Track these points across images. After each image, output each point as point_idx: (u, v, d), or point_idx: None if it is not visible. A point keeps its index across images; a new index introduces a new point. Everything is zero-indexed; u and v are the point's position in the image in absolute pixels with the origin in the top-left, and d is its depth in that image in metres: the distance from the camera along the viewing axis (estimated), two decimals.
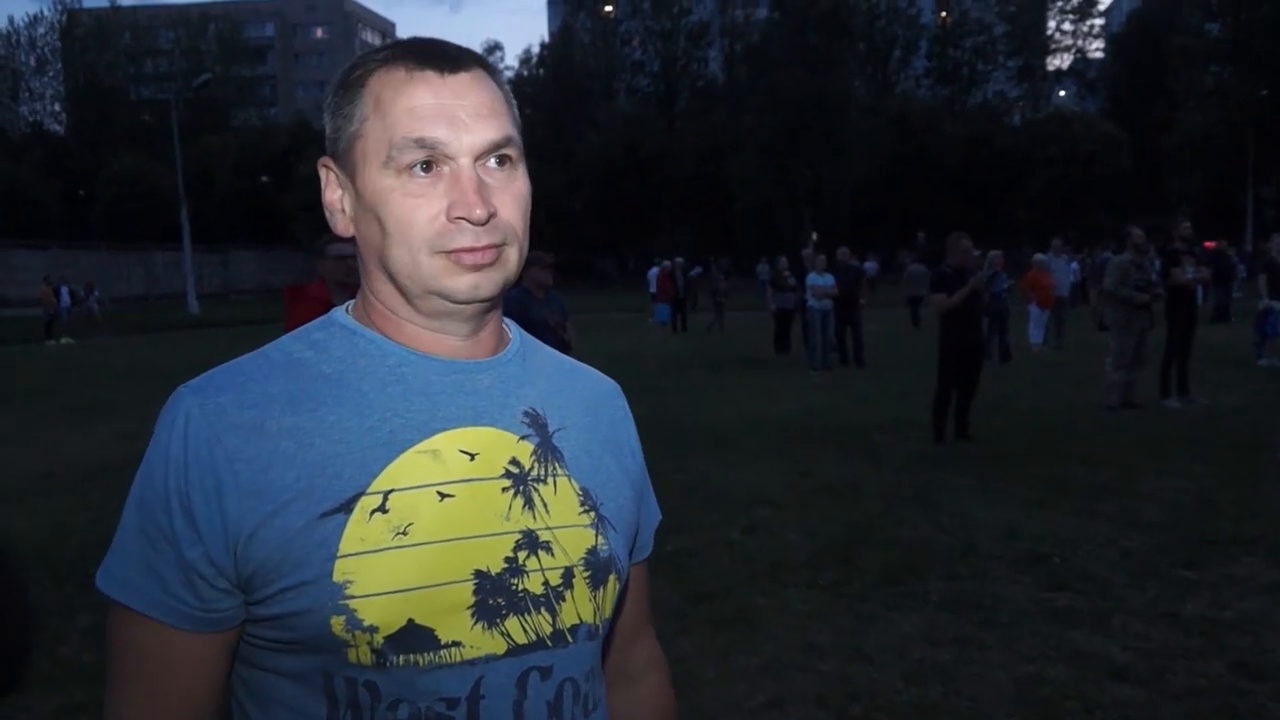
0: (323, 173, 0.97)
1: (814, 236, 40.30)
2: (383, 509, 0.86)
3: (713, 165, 52.12)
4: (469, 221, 0.88)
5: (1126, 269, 9.76)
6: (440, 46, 0.94)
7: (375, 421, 0.90)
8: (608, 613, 0.98)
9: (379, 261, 0.93)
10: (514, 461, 0.94)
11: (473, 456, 0.91)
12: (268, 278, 48.77)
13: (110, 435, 10.01)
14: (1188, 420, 9.18)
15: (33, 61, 66.55)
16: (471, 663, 0.87)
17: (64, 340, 25.36)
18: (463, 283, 0.90)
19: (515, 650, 0.89)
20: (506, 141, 0.92)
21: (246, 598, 0.87)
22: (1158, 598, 4.58)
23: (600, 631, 0.97)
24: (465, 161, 0.89)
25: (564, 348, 6.98)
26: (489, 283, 0.91)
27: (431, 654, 0.86)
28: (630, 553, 1.05)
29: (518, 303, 6.76)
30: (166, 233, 46.02)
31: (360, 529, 0.86)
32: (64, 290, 26.80)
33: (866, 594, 4.77)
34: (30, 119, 66.97)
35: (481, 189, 0.89)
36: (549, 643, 0.91)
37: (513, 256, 0.92)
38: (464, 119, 0.89)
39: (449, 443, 0.91)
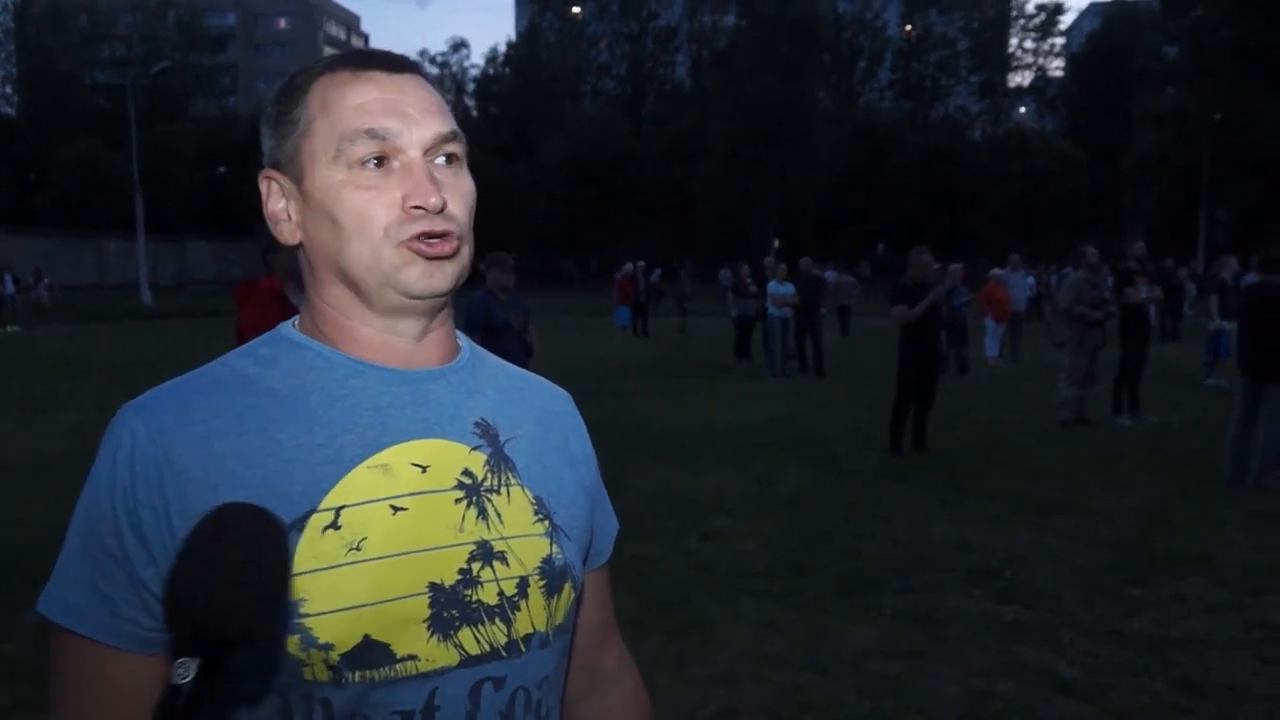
0: (264, 185, 0.96)
1: (776, 244, 40.56)
2: (335, 525, 0.86)
3: (678, 170, 52.25)
4: (426, 210, 0.89)
5: (1080, 287, 9.92)
6: (382, 52, 0.95)
7: (324, 438, 0.89)
8: (560, 620, 0.97)
9: (332, 263, 0.92)
10: (466, 472, 0.93)
11: (424, 469, 0.91)
12: (226, 269, 48.14)
13: (57, 429, 9.79)
14: (1139, 438, 9.35)
15: None
16: (426, 675, 0.87)
17: (10, 328, 24.81)
18: (420, 275, 0.90)
19: (468, 661, 0.89)
20: (453, 136, 0.93)
21: None
22: (1106, 614, 4.65)
23: (552, 640, 0.96)
24: (415, 154, 0.90)
25: (527, 350, 6.96)
26: (444, 276, 0.91)
27: (387, 669, 0.86)
28: (585, 560, 1.05)
29: (481, 305, 6.71)
30: (120, 221, 45.25)
31: (313, 546, 0.85)
32: (8, 277, 26.14)
33: (821, 605, 4.80)
34: None
35: (434, 180, 0.90)
36: (503, 653, 0.91)
37: (465, 252, 0.94)
38: (412, 113, 0.91)
39: (400, 456, 0.90)
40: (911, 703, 3.73)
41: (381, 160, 0.90)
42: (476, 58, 77.76)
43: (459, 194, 0.93)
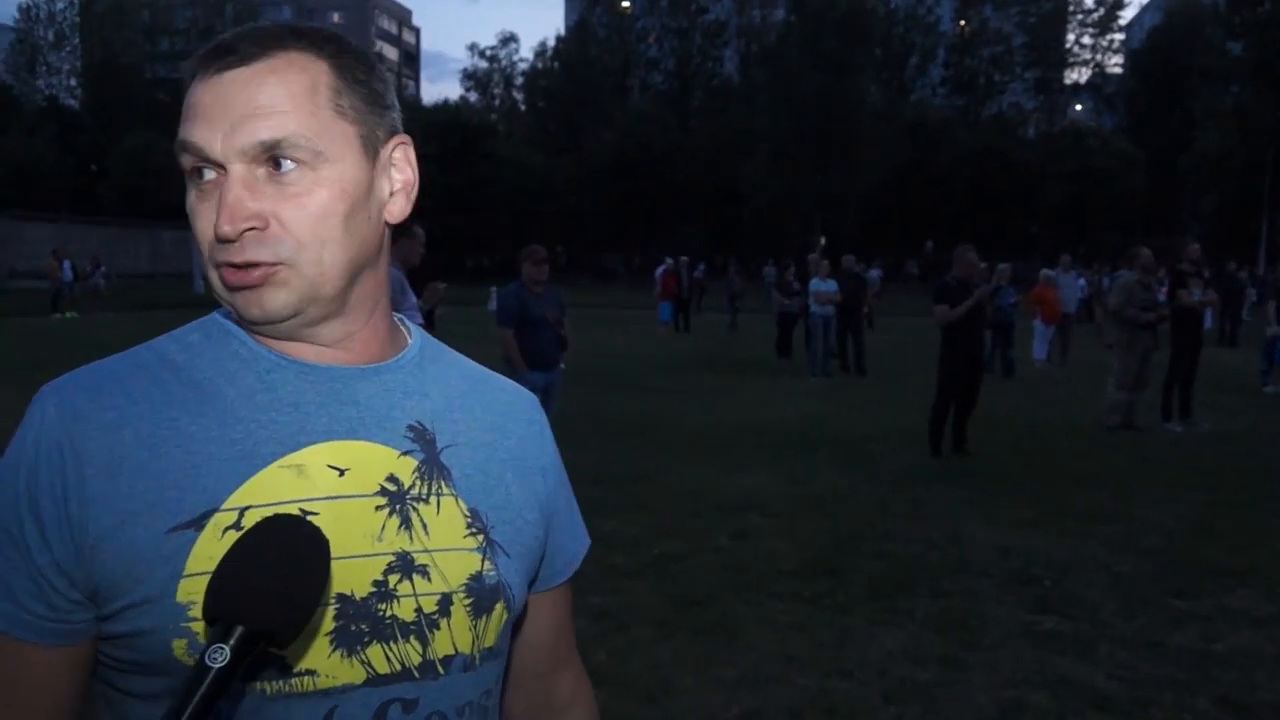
0: None
1: (822, 241, 40.20)
2: (237, 526, 0.80)
3: (724, 166, 52.01)
4: (218, 238, 0.82)
5: (1132, 288, 9.68)
6: (233, 40, 0.84)
7: (238, 433, 0.84)
8: (489, 643, 0.91)
9: None
10: (391, 478, 0.88)
11: (342, 472, 0.85)
12: None
13: None
14: (1188, 445, 9.10)
15: (51, 36, 66.74)
16: (325, 692, 0.82)
17: (69, 314, 25.40)
18: (243, 303, 0.84)
19: (375, 680, 0.84)
20: (277, 144, 0.81)
21: (97, 611, 0.81)
22: (1147, 626, 4.51)
23: (479, 663, 0.90)
24: (236, 168, 0.81)
25: (562, 343, 6.94)
26: (273, 302, 0.83)
27: (281, 682, 0.80)
28: (535, 580, 0.99)
29: (515, 297, 6.70)
30: (176, 210, 45.65)
31: (210, 547, 0.79)
32: (66, 265, 26.73)
33: (851, 607, 4.71)
34: (46, 93, 67.15)
35: (245, 200, 0.81)
36: (416, 674, 0.86)
37: (304, 273, 0.83)
38: (229, 119, 0.81)
39: (316, 457, 0.85)
40: (940, 711, 3.63)
41: (212, 172, 0.82)
42: (525, 52, 78.20)
43: (296, 205, 0.82)
